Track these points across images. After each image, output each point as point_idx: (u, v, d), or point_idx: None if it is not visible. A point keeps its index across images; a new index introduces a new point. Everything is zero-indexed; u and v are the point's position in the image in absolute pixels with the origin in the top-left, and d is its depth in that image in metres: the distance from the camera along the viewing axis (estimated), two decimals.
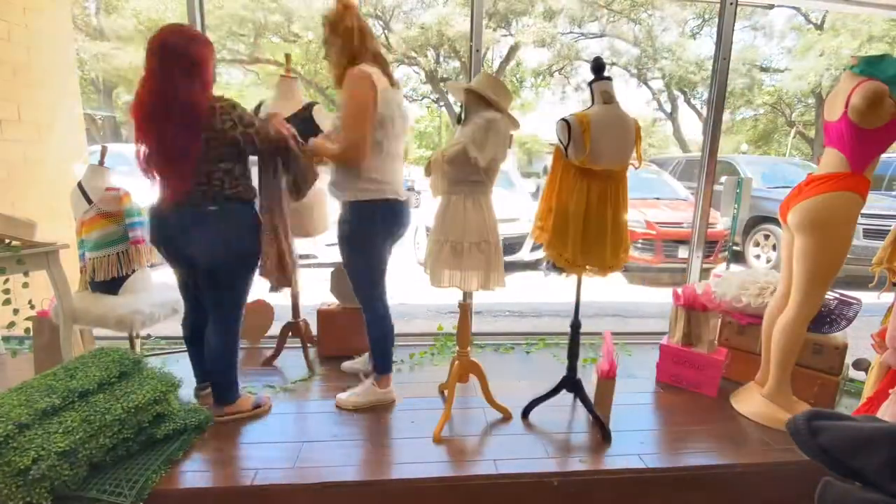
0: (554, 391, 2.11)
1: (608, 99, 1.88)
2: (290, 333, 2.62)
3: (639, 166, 1.97)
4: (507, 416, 2.11)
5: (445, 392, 2.25)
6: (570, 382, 2.08)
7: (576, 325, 2.04)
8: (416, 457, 1.81)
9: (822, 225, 1.82)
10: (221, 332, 1.92)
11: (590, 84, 1.93)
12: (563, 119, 1.84)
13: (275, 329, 2.77)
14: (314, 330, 2.68)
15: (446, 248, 1.87)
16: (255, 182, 1.93)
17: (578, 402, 2.14)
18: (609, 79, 1.91)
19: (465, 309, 2.07)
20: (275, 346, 2.64)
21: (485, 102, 1.86)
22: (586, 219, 1.86)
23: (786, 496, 1.74)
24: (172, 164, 1.70)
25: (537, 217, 1.97)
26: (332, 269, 2.65)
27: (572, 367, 2.08)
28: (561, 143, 1.86)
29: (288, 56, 2.44)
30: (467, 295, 2.06)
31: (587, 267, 1.92)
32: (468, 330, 2.11)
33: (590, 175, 1.83)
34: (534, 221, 1.99)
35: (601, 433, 1.97)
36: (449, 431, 2.00)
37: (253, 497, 1.64)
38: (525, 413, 2.12)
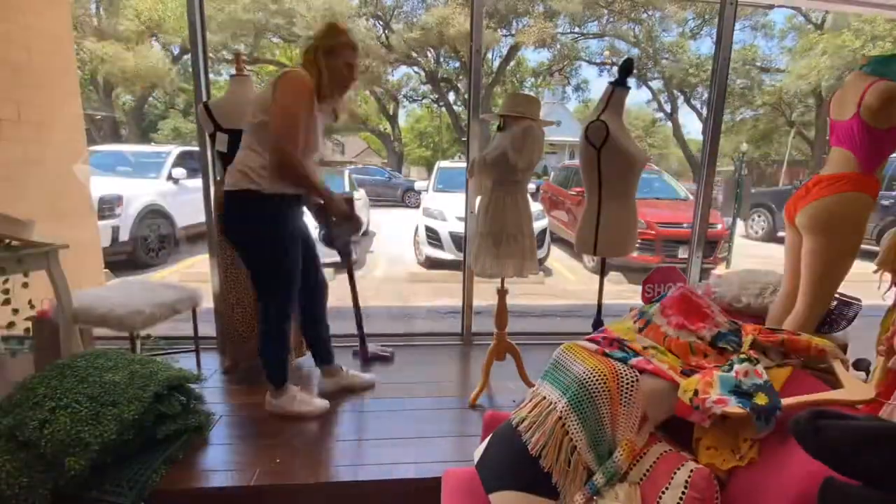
0: None
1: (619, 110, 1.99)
2: None
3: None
4: None
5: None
6: None
7: (597, 324, 2.17)
8: (417, 456, 1.81)
9: (832, 226, 1.79)
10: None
11: (612, 84, 1.97)
12: (601, 120, 1.87)
13: None
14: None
15: (488, 239, 2.03)
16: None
17: None
18: (629, 88, 2.01)
19: (502, 294, 2.24)
20: None
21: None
22: None
23: None
24: None
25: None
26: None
27: None
28: (593, 145, 1.89)
29: (238, 54, 2.45)
30: (504, 281, 2.20)
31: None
32: (505, 313, 2.27)
33: None
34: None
35: None
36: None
37: (252, 497, 1.64)
38: None
